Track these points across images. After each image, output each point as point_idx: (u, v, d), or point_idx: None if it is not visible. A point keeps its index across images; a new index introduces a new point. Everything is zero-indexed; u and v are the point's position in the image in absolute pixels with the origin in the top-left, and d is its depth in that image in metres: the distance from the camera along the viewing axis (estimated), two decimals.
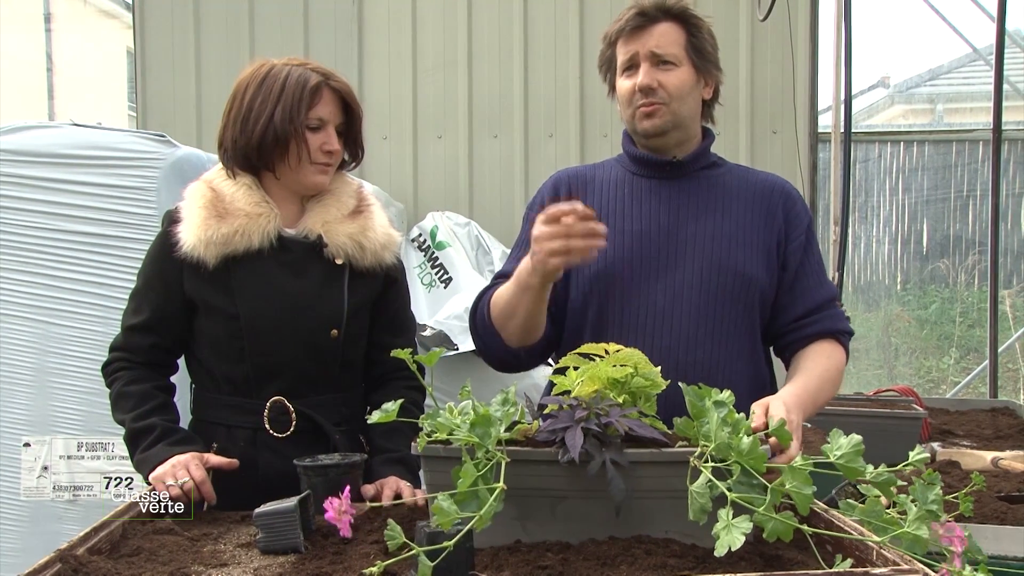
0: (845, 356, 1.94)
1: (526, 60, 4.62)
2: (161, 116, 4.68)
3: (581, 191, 1.98)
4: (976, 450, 2.63)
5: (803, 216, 1.97)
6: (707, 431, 1.27)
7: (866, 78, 9.21)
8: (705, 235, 1.89)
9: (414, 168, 4.67)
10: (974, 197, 5.64)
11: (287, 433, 1.85)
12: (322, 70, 1.88)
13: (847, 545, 1.30)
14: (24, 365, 2.89)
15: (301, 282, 1.86)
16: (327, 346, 1.87)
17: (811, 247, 1.97)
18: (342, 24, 4.68)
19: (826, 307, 1.93)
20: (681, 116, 1.90)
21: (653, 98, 1.88)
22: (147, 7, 4.75)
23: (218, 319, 1.84)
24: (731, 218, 1.91)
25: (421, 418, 1.35)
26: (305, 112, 1.83)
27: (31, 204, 2.85)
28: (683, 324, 1.85)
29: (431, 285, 4.02)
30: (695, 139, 1.97)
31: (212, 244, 1.80)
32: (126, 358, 1.89)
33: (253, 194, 1.85)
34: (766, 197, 1.95)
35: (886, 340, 6.44)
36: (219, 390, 1.88)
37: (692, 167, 1.95)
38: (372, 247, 1.91)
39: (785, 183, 2.02)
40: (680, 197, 1.93)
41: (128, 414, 1.82)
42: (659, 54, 1.88)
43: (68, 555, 1.30)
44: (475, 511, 1.18)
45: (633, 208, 1.94)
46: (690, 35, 1.91)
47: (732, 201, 1.93)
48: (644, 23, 1.90)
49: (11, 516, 2.91)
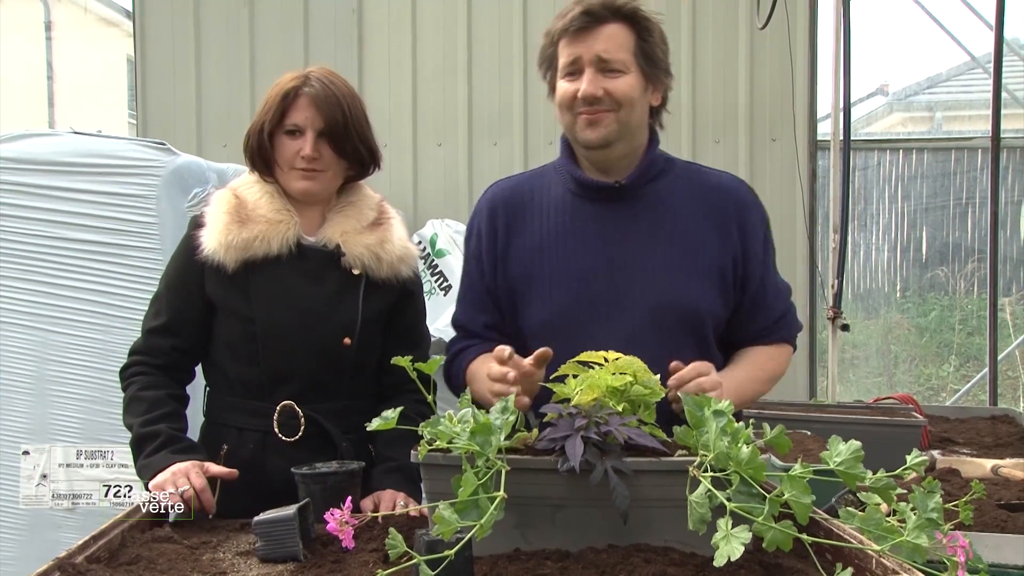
0: (790, 353, 1.96)
1: (526, 68, 4.62)
2: (161, 124, 4.69)
3: (519, 219, 1.87)
4: (976, 458, 2.63)
5: (759, 225, 1.86)
6: (706, 441, 1.27)
7: (865, 86, 9.23)
8: (655, 269, 1.78)
9: (414, 175, 4.68)
10: (973, 205, 5.64)
11: (295, 438, 1.87)
12: (308, 75, 1.89)
13: (847, 554, 1.30)
14: (23, 373, 2.89)
15: (317, 289, 1.89)
16: (340, 354, 1.90)
17: (768, 256, 1.90)
18: (342, 32, 4.69)
19: (785, 316, 1.92)
20: (628, 126, 1.77)
21: (599, 106, 1.74)
22: (147, 15, 4.76)
23: (234, 322, 1.88)
24: (681, 244, 1.80)
25: (421, 426, 1.35)
26: (279, 119, 1.87)
27: (31, 212, 2.86)
28: (627, 332, 1.74)
29: (431, 293, 4.02)
30: (640, 148, 1.84)
31: (232, 248, 1.84)
32: (145, 362, 1.91)
33: (275, 201, 1.90)
34: (718, 210, 1.83)
35: (885, 348, 6.44)
36: (232, 392, 1.92)
37: (638, 186, 1.83)
38: (389, 259, 1.94)
39: (739, 188, 1.90)
40: (627, 224, 1.81)
41: (137, 419, 1.83)
42: (605, 59, 1.73)
43: (67, 563, 1.30)
44: (475, 520, 1.18)
45: (576, 243, 1.81)
46: (640, 38, 1.76)
47: (682, 221, 1.81)
48: (590, 23, 1.73)
49: (10, 524, 2.90)
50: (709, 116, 4.53)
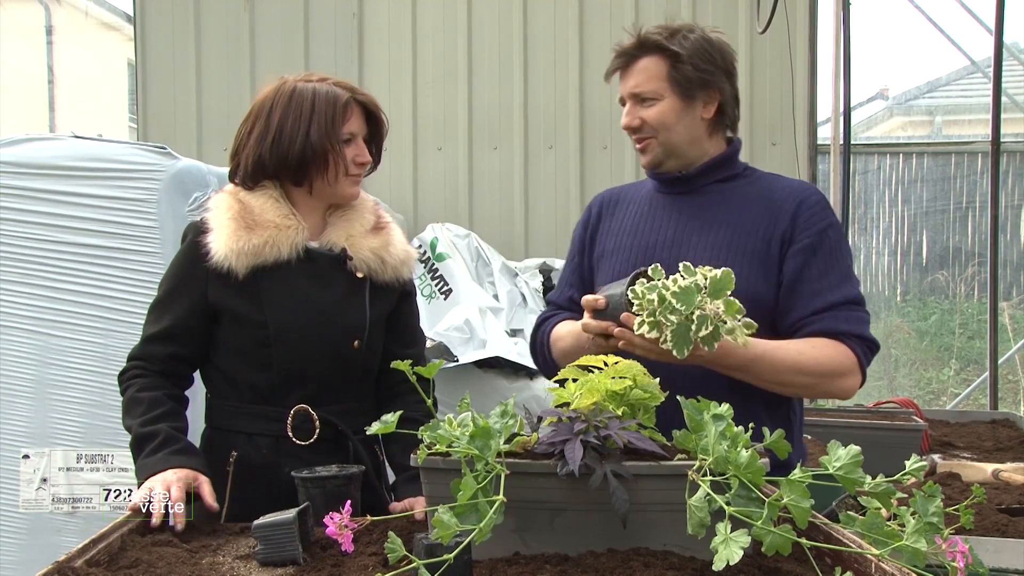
0: (851, 357, 1.82)
1: (526, 72, 4.63)
2: (162, 128, 4.70)
3: (612, 210, 2.09)
4: (976, 462, 2.62)
5: (817, 220, 1.90)
6: (705, 445, 1.27)
7: (865, 90, 9.23)
8: (706, 248, 1.90)
9: (414, 179, 4.69)
10: (973, 209, 5.64)
11: (310, 441, 1.88)
12: (345, 84, 1.94)
13: (846, 558, 1.30)
14: (24, 377, 2.89)
15: (327, 293, 1.91)
16: (350, 356, 1.92)
17: (821, 249, 1.88)
18: (342, 36, 4.70)
19: (834, 308, 1.84)
20: (673, 144, 1.94)
21: (641, 134, 1.95)
22: (148, 19, 4.77)
23: (245, 327, 1.88)
24: (735, 230, 1.91)
25: (421, 429, 1.35)
26: (340, 128, 1.88)
27: (32, 216, 2.86)
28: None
29: (431, 296, 4.02)
30: (704, 158, 1.97)
31: (243, 254, 1.83)
32: (143, 366, 1.91)
33: (281, 207, 1.90)
34: (778, 204, 1.92)
35: (886, 351, 6.42)
36: (241, 398, 1.91)
37: (701, 181, 1.97)
38: (393, 262, 1.98)
39: (807, 189, 1.99)
40: (689, 211, 1.96)
41: (136, 419, 1.83)
42: (636, 92, 1.93)
43: (66, 567, 1.30)
44: (475, 523, 1.18)
45: (646, 224, 2.00)
46: (671, 66, 1.91)
47: (742, 213, 1.92)
48: (625, 63, 1.95)
49: (10, 528, 2.90)
50: None
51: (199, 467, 1.75)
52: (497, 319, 3.82)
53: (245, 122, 1.94)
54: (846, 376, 1.84)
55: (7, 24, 8.75)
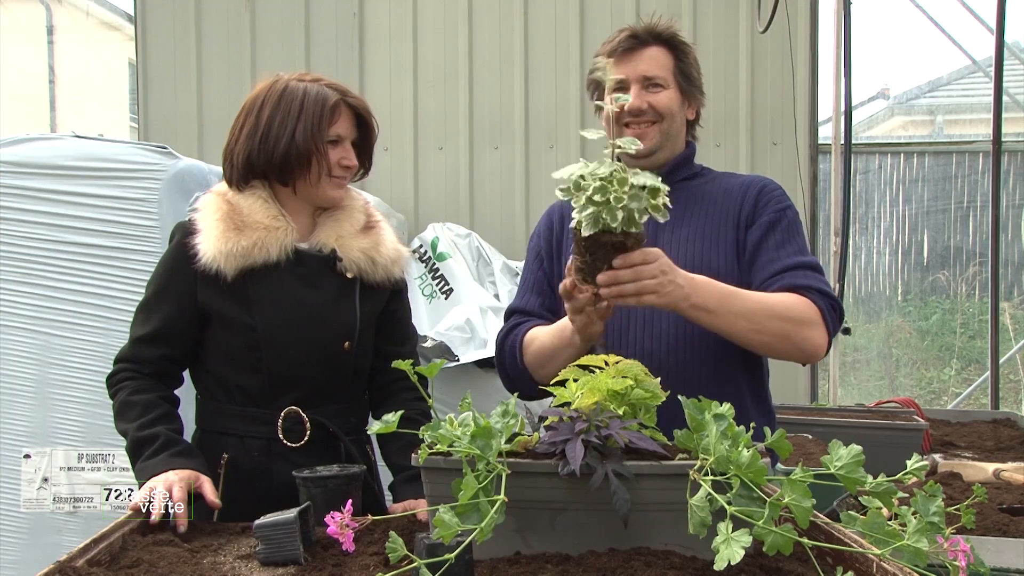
0: (814, 308, 1.83)
1: (527, 71, 4.63)
2: (163, 128, 4.70)
3: (569, 218, 1.99)
4: (977, 462, 2.62)
5: (776, 202, 1.97)
6: (707, 444, 1.27)
7: (866, 90, 9.25)
8: (680, 241, 1.95)
9: (415, 179, 4.68)
10: (974, 208, 5.64)
11: (301, 443, 1.87)
12: (338, 87, 1.93)
13: (847, 557, 1.30)
14: (25, 376, 2.89)
15: (316, 294, 1.89)
16: (340, 357, 1.91)
17: (779, 225, 1.93)
18: (343, 36, 4.70)
19: (791, 269, 1.88)
20: (669, 135, 1.99)
21: (644, 118, 1.97)
22: (149, 19, 4.77)
23: (234, 330, 1.87)
24: (705, 220, 1.97)
25: (422, 429, 1.35)
26: (325, 129, 1.87)
27: (33, 216, 2.86)
28: (663, 328, 1.89)
29: (432, 296, 4.02)
30: (672, 157, 2.03)
31: (232, 256, 1.82)
32: (132, 368, 1.89)
33: (270, 208, 1.89)
34: (739, 194, 1.99)
35: (887, 351, 6.43)
36: (231, 401, 1.90)
37: (668, 180, 1.92)
38: (383, 262, 1.96)
39: (765, 180, 2.05)
40: None
41: (132, 423, 1.82)
42: (649, 77, 1.97)
43: (68, 567, 1.30)
44: (476, 523, 1.18)
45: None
46: (677, 60, 2.00)
47: (710, 206, 1.99)
48: (635, 46, 1.98)
49: (11, 528, 2.90)
50: (710, 120, 4.52)
51: (200, 468, 1.75)
52: (498, 319, 3.81)
53: (238, 118, 1.93)
54: (812, 326, 1.84)
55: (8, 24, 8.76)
